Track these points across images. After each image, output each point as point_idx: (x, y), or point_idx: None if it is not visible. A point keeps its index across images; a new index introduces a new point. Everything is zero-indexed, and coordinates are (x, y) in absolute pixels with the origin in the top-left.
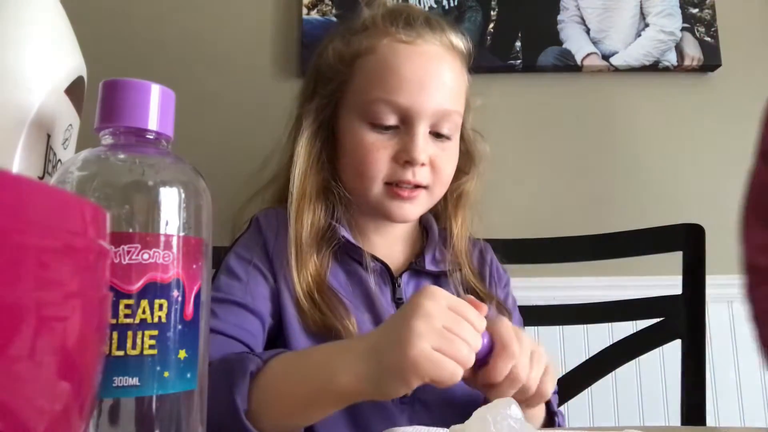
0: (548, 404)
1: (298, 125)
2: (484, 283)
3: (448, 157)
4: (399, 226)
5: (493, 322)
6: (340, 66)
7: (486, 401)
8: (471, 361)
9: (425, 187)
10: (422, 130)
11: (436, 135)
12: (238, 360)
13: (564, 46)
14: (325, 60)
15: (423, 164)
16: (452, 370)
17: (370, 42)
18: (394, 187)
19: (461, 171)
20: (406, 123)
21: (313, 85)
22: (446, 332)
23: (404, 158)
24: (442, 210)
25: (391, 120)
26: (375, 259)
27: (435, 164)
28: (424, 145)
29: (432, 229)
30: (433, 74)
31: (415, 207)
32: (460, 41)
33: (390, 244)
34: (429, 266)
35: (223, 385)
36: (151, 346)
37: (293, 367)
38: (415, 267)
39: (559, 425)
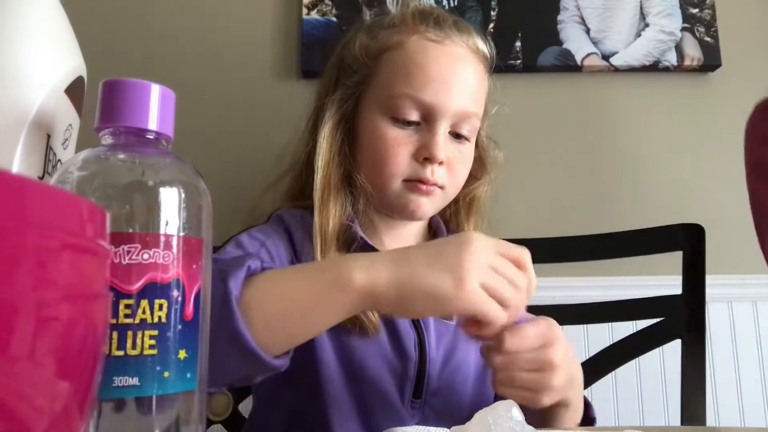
0: (588, 409)
1: (320, 116)
2: None
3: (463, 159)
4: (409, 227)
5: (538, 321)
6: (366, 59)
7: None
8: (517, 301)
9: (441, 187)
10: (443, 129)
11: (455, 136)
12: (236, 257)
13: (564, 46)
14: (350, 52)
15: (441, 163)
16: (496, 310)
17: (398, 38)
18: (413, 182)
19: (473, 176)
20: (427, 120)
21: (336, 76)
22: (493, 272)
23: (424, 155)
24: (454, 214)
25: (413, 116)
26: None
27: (451, 165)
28: (443, 144)
29: (441, 231)
30: (459, 75)
31: (430, 203)
32: (485, 46)
33: (401, 243)
34: None
35: (216, 279)
36: (151, 346)
37: (298, 269)
38: None
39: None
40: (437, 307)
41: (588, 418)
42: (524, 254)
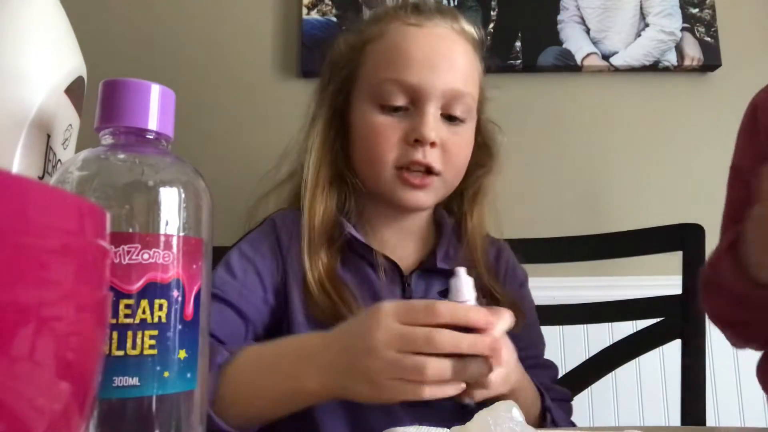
0: (543, 398)
1: (313, 116)
2: (498, 282)
3: (460, 141)
4: (411, 220)
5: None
6: (351, 54)
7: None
8: (443, 370)
9: (437, 174)
10: (432, 110)
11: (449, 118)
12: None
13: (564, 46)
14: (337, 50)
15: (433, 144)
16: (415, 393)
17: (379, 28)
18: (404, 172)
19: (478, 164)
20: (415, 103)
21: (328, 75)
22: (399, 362)
23: (414, 136)
24: (458, 206)
25: (401, 100)
26: (384, 257)
27: (446, 147)
28: (434, 124)
29: (445, 223)
30: (443, 53)
31: (428, 194)
32: (471, 28)
33: (401, 239)
34: (441, 263)
35: None
36: (151, 346)
37: (261, 369)
38: (425, 267)
39: (553, 421)
40: (373, 401)
41: (543, 406)
42: (429, 310)
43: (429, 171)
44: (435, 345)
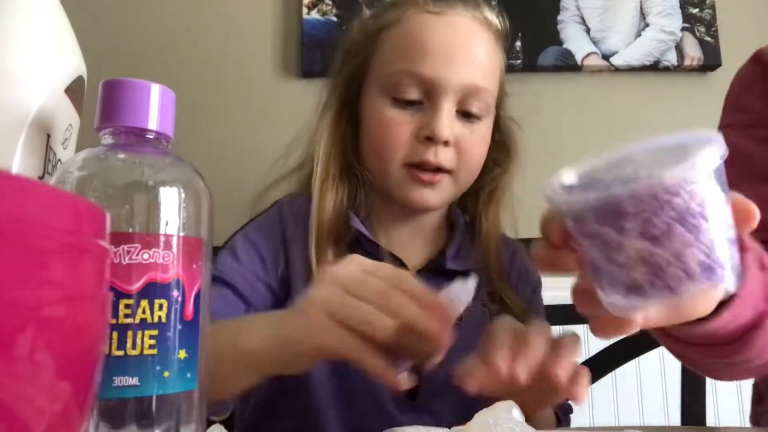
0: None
1: (324, 106)
2: (510, 286)
3: (476, 140)
4: (422, 219)
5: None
6: (365, 40)
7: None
8: (383, 327)
9: (449, 172)
10: (447, 106)
11: (465, 115)
12: None
13: (564, 46)
14: (351, 36)
15: (447, 143)
16: (352, 345)
17: (396, 14)
18: (414, 169)
19: (494, 163)
20: (430, 98)
21: (340, 63)
22: (350, 300)
23: (425, 134)
24: (473, 205)
25: (414, 94)
26: (390, 255)
27: (461, 146)
28: (448, 122)
29: (459, 224)
30: (462, 46)
31: (437, 193)
32: (495, 18)
33: (410, 237)
34: (450, 264)
35: None
36: (151, 346)
37: (217, 333)
38: (433, 266)
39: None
40: (302, 354)
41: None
42: (401, 275)
43: (439, 168)
44: (387, 298)
